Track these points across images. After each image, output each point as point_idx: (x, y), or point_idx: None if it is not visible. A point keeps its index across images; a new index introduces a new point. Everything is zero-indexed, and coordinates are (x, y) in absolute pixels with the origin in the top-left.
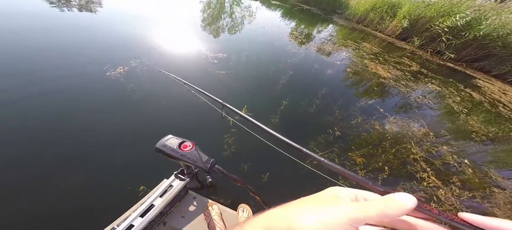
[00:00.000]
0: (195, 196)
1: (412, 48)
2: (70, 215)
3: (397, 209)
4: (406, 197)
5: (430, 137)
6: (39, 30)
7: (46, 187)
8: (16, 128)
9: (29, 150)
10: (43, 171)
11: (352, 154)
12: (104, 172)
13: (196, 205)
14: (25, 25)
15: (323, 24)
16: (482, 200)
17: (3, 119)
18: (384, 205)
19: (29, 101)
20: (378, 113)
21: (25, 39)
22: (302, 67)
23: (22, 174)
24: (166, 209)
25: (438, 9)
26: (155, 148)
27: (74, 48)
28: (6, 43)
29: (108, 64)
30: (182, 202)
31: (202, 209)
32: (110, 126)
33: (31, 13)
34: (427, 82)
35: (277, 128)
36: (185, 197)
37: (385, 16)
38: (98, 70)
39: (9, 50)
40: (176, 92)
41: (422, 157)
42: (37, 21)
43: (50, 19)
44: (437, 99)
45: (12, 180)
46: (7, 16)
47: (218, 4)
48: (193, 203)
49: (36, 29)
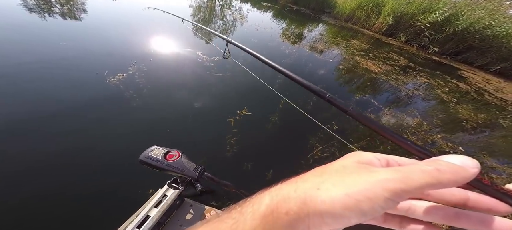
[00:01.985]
0: (192, 203)
1: (398, 43)
2: (66, 226)
3: (454, 176)
4: (466, 160)
5: (424, 126)
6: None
7: (42, 197)
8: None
9: (24, 162)
10: (45, 181)
11: (352, 146)
12: (102, 181)
13: (193, 213)
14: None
15: (313, 24)
16: None
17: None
18: (436, 171)
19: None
20: (373, 106)
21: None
22: (296, 66)
23: (14, 185)
24: (162, 219)
25: (419, 6)
26: (139, 160)
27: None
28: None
29: (107, 71)
30: (179, 211)
31: (199, 217)
32: (108, 132)
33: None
34: (416, 75)
35: (278, 126)
36: (182, 206)
37: (371, 14)
38: (98, 77)
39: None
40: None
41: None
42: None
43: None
44: (427, 91)
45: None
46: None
47: (208, 8)
48: (190, 211)
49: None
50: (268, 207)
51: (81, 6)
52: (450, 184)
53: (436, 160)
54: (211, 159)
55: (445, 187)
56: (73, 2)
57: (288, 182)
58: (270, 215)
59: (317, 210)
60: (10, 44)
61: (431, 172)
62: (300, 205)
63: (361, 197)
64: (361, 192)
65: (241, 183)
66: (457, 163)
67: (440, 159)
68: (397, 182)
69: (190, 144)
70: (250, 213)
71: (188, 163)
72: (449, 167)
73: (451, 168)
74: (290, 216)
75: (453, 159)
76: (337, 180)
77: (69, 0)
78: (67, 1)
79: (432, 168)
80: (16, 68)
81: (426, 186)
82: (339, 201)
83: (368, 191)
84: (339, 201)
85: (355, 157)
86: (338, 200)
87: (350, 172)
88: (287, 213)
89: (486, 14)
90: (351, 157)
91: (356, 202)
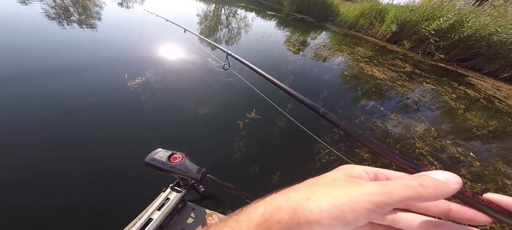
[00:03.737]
0: (193, 207)
1: (403, 50)
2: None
3: (435, 191)
4: (449, 176)
5: (432, 132)
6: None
7: (47, 198)
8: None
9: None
10: (52, 182)
11: (358, 151)
12: (112, 181)
13: (195, 217)
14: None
15: (317, 31)
16: (497, 192)
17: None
18: (418, 186)
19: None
20: (379, 112)
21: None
22: (302, 73)
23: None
24: (165, 222)
25: (422, 14)
26: (144, 162)
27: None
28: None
29: (126, 74)
30: (181, 214)
31: (202, 220)
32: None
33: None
34: (422, 81)
35: (284, 130)
36: (184, 209)
37: (374, 22)
38: (122, 80)
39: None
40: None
41: (428, 151)
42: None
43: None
44: (434, 97)
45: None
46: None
47: (214, 17)
48: (192, 214)
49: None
50: (262, 216)
51: (98, 16)
52: (432, 198)
53: (422, 175)
54: (218, 160)
55: (427, 201)
56: (91, 12)
57: (282, 192)
58: (264, 224)
59: (306, 219)
60: (38, 49)
61: (414, 186)
62: (291, 215)
63: (346, 208)
64: (346, 204)
65: (248, 184)
66: (440, 179)
67: (426, 175)
68: (380, 195)
69: (199, 145)
70: (245, 222)
71: (191, 165)
72: (432, 182)
73: (434, 183)
74: (282, 225)
75: (438, 174)
76: (326, 192)
77: (86, 10)
78: (84, 11)
79: (416, 183)
80: (44, 71)
81: (408, 199)
82: (326, 211)
83: (352, 203)
84: (326, 211)
85: (345, 170)
86: (326, 210)
87: (338, 185)
88: (279, 222)
89: (491, 20)
90: (342, 170)
91: (341, 213)
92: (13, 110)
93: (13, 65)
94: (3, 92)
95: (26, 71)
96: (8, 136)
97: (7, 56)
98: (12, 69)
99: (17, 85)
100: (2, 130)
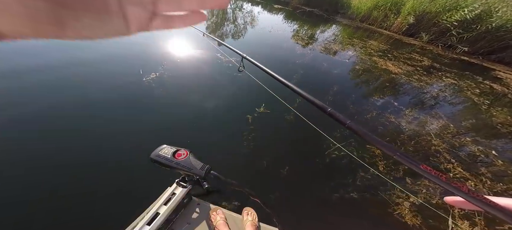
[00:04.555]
0: (199, 202)
1: (421, 43)
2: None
3: None
4: None
5: (451, 129)
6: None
7: (57, 191)
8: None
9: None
10: (63, 173)
11: (370, 146)
12: (126, 173)
13: (200, 211)
14: None
15: (327, 25)
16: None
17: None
18: None
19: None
20: (392, 107)
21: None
22: (311, 67)
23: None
24: (171, 216)
25: (443, 4)
26: (150, 158)
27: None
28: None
29: (141, 69)
30: (187, 209)
31: (206, 215)
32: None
33: None
34: (441, 76)
35: (293, 124)
36: (189, 204)
37: (389, 14)
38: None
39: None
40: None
41: (445, 148)
42: None
43: None
44: (455, 92)
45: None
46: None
47: (221, 13)
48: (196, 209)
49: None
50: None
51: None
52: None
53: None
54: (227, 154)
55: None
56: None
57: None
58: None
59: None
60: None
61: None
62: None
63: None
64: None
65: (256, 179)
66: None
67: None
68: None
69: (209, 139)
70: None
71: (195, 162)
72: None
73: None
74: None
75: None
76: None
77: None
78: None
79: None
80: (66, 67)
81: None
82: None
83: None
84: None
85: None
86: None
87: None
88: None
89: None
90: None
91: None
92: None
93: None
94: (36, 83)
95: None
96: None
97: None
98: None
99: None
100: (35, 114)
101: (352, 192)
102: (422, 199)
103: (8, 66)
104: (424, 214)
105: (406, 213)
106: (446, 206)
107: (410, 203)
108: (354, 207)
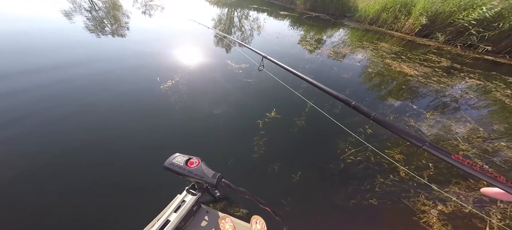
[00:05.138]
0: (208, 210)
1: (437, 44)
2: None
3: None
4: None
5: (480, 133)
6: None
7: (74, 192)
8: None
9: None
10: (80, 175)
11: (389, 151)
12: (135, 180)
13: (209, 219)
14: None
15: (334, 29)
16: None
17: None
18: None
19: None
20: (411, 110)
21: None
22: (321, 71)
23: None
24: (181, 224)
25: (458, 3)
26: (164, 167)
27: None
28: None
29: (158, 77)
30: (196, 216)
31: (215, 223)
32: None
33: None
34: (464, 77)
35: (304, 130)
36: (198, 212)
37: (399, 15)
38: (156, 83)
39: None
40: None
41: (476, 153)
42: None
43: None
44: (481, 94)
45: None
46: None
47: (228, 20)
48: (205, 217)
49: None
50: None
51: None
52: None
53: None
54: (239, 158)
55: None
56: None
57: None
58: None
59: None
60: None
61: None
62: None
63: None
64: None
65: (267, 185)
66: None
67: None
68: None
69: (222, 144)
70: None
71: (207, 170)
72: None
73: None
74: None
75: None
76: None
77: (117, 21)
78: (116, 22)
79: None
80: (89, 75)
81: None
82: None
83: None
84: None
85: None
86: None
87: None
88: None
89: None
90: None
91: None
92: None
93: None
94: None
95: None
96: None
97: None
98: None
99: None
100: (62, 116)
101: (371, 199)
102: (452, 207)
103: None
104: (455, 223)
105: (434, 222)
106: (480, 215)
107: (438, 211)
108: (374, 215)
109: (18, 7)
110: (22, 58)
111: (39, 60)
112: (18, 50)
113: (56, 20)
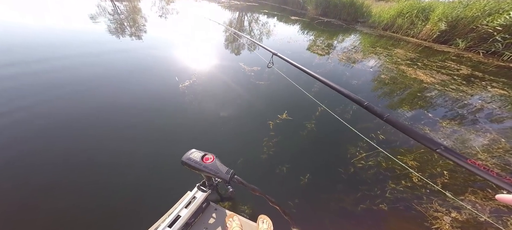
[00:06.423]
0: (216, 207)
1: (456, 50)
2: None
3: None
4: None
5: (502, 144)
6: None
7: (87, 186)
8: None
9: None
10: (96, 169)
11: (402, 157)
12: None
13: (216, 217)
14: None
15: (346, 34)
16: None
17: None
18: None
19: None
20: (426, 118)
21: None
22: (332, 76)
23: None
24: (190, 220)
25: (482, 9)
26: (181, 161)
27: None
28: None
29: (177, 77)
30: (204, 213)
31: (223, 221)
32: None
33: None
34: (486, 86)
35: (315, 133)
36: (207, 209)
37: (415, 21)
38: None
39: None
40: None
41: (496, 164)
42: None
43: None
44: (506, 104)
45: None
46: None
47: (238, 24)
48: (213, 214)
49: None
50: None
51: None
52: None
53: None
54: (249, 159)
55: None
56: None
57: None
58: None
59: None
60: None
61: None
62: None
63: None
64: None
65: (275, 185)
66: None
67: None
68: None
69: (233, 143)
70: None
71: (221, 166)
72: None
73: None
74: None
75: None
76: None
77: (136, 24)
78: (135, 24)
79: None
80: (116, 75)
81: None
82: None
83: None
84: None
85: None
86: None
87: None
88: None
89: None
90: None
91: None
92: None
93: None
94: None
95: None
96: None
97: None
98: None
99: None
100: (85, 115)
101: (381, 204)
102: (467, 215)
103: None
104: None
105: (446, 229)
106: (496, 225)
107: (451, 218)
108: (383, 220)
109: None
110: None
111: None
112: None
113: (98, 31)
